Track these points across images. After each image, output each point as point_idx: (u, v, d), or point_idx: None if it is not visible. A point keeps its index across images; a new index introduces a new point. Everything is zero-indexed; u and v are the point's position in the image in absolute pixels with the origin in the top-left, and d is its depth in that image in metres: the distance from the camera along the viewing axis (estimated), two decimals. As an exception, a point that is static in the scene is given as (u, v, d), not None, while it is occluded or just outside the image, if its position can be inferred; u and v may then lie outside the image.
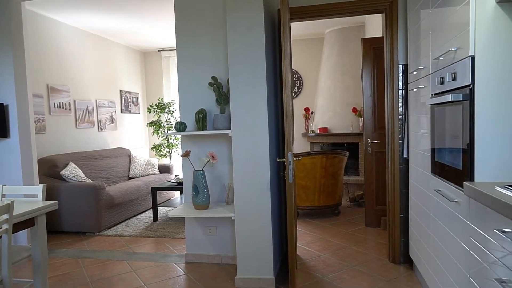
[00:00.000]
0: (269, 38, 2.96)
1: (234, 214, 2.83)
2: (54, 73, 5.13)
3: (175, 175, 5.92)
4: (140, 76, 7.43)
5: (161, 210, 5.36)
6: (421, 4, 2.49)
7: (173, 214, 2.97)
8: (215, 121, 3.06)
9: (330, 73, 6.43)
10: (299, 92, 7.07)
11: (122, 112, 6.74)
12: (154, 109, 6.72)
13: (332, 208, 4.72)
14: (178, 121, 3.62)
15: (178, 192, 6.13)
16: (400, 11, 3.04)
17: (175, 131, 3.06)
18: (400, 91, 3.08)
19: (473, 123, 1.66)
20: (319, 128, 6.36)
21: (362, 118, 5.21)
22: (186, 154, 3.13)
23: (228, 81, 3.17)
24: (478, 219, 1.59)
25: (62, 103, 5.23)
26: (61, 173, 4.47)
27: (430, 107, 2.28)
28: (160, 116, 6.81)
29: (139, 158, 6.03)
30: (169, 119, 6.80)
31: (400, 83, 3.07)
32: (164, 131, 6.73)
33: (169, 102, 6.81)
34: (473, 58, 1.65)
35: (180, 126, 3.07)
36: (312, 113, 6.89)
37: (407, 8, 2.92)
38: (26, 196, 3.34)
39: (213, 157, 3.02)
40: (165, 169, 6.23)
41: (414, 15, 2.70)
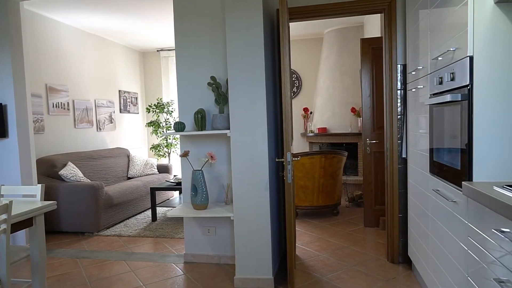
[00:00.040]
0: (268, 38, 2.96)
1: (233, 214, 2.83)
2: (53, 73, 5.13)
3: (174, 175, 5.92)
4: (139, 76, 7.43)
5: (160, 210, 5.35)
6: (419, 4, 2.49)
7: (172, 214, 2.97)
8: (214, 121, 3.06)
9: (329, 73, 6.44)
10: (298, 92, 7.07)
11: (121, 112, 6.74)
12: (153, 109, 6.72)
13: (331, 208, 4.72)
14: (177, 121, 3.62)
15: (177, 192, 6.13)
16: (398, 11, 3.04)
17: (174, 131, 3.06)
18: (398, 91, 3.08)
19: (471, 123, 1.67)
20: (318, 128, 6.36)
21: (361, 118, 5.21)
22: (185, 154, 3.13)
23: (227, 81, 3.17)
24: (476, 219, 1.59)
25: (61, 103, 5.22)
26: (59, 173, 4.47)
27: (429, 107, 2.29)
28: (159, 116, 6.81)
29: (138, 158, 6.03)
30: (168, 119, 6.80)
31: (398, 83, 3.08)
32: (163, 131, 6.73)
33: (168, 102, 6.81)
34: (471, 58, 1.65)
35: (179, 126, 3.07)
36: (311, 113, 6.89)
37: (406, 8, 2.92)
38: (25, 196, 3.33)
39: (212, 157, 3.02)
40: (164, 169, 6.23)
41: (412, 15, 2.70)
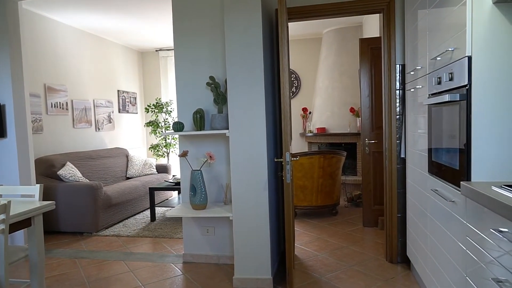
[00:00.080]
0: (267, 38, 2.96)
1: (232, 214, 2.83)
2: (52, 72, 5.12)
3: (173, 175, 5.91)
4: (137, 76, 7.42)
5: (158, 210, 5.35)
6: (418, 4, 2.49)
7: (170, 214, 2.97)
8: (213, 121, 3.06)
9: (328, 73, 6.44)
10: (297, 92, 7.07)
11: (119, 112, 6.73)
12: (152, 109, 6.71)
13: (329, 208, 4.72)
14: (176, 121, 3.61)
15: (176, 192, 6.12)
16: (397, 11, 3.05)
17: (173, 131, 3.06)
18: (397, 91, 3.08)
19: (470, 123, 1.67)
20: (317, 128, 6.36)
21: (360, 118, 5.22)
22: (183, 154, 3.13)
23: (225, 81, 3.17)
24: (475, 219, 1.59)
25: (60, 103, 5.21)
26: (58, 173, 4.46)
27: (427, 107, 2.29)
28: (157, 116, 6.80)
29: (137, 158, 6.02)
30: (166, 119, 6.79)
31: (397, 83, 3.08)
32: (161, 131, 6.72)
33: (166, 102, 6.80)
34: (470, 58, 1.65)
35: (177, 126, 3.07)
36: (310, 113, 6.89)
37: (405, 8, 2.93)
38: (23, 196, 3.33)
39: (210, 157, 3.02)
40: (162, 169, 6.23)
41: (411, 15, 2.70)
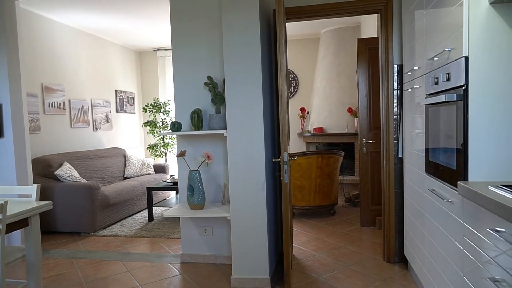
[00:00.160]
0: (264, 38, 2.96)
1: (230, 214, 2.83)
2: (49, 72, 5.10)
3: (171, 175, 5.90)
4: (135, 75, 7.41)
5: (156, 210, 5.34)
6: (415, 4, 2.50)
7: (168, 214, 2.96)
8: (211, 121, 3.06)
9: (326, 73, 6.44)
10: (295, 92, 7.08)
11: (117, 111, 6.71)
12: (150, 109, 6.70)
13: (327, 208, 4.73)
14: (174, 121, 3.61)
15: (174, 192, 6.11)
16: (395, 12, 3.05)
17: (171, 131, 3.06)
18: (395, 91, 3.09)
19: (467, 123, 1.68)
20: (315, 128, 6.37)
21: (358, 118, 5.22)
22: (181, 154, 3.13)
23: (223, 81, 3.16)
24: (472, 219, 1.60)
25: (57, 103, 5.20)
26: (55, 173, 4.45)
27: (425, 107, 2.29)
28: (155, 116, 6.79)
29: (135, 158, 6.01)
30: (164, 119, 6.79)
31: (395, 83, 3.09)
32: (159, 131, 6.71)
33: (164, 102, 6.79)
34: (466, 59, 1.66)
35: (175, 126, 3.07)
36: (307, 113, 6.90)
37: (402, 8, 2.93)
38: (20, 196, 3.32)
39: (208, 157, 3.02)
40: (160, 169, 6.22)
41: (409, 16, 2.71)
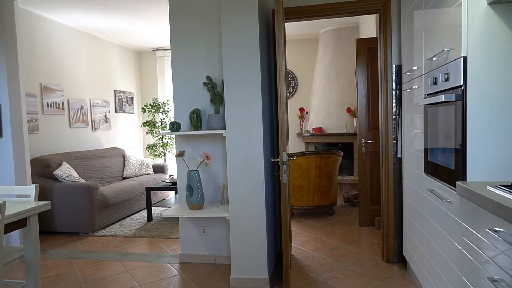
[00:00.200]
0: (263, 38, 2.96)
1: (229, 214, 2.82)
2: (48, 72, 5.10)
3: (170, 175, 5.90)
4: (134, 75, 7.40)
5: (155, 210, 5.34)
6: (414, 5, 2.50)
7: (167, 214, 2.96)
8: (210, 121, 3.06)
9: (325, 73, 6.45)
10: (294, 92, 7.08)
11: (116, 111, 6.71)
12: (149, 109, 6.70)
13: (326, 208, 4.73)
14: (173, 121, 3.61)
15: (173, 192, 6.11)
16: (394, 12, 3.06)
17: (170, 131, 3.06)
18: (394, 92, 3.09)
19: (465, 123, 1.68)
20: (314, 128, 6.37)
21: (357, 118, 5.23)
22: (180, 154, 3.13)
23: (222, 81, 3.16)
24: (470, 219, 1.60)
25: (56, 103, 5.19)
26: (54, 173, 4.44)
27: (423, 107, 2.30)
28: (154, 116, 6.78)
29: (133, 158, 6.00)
30: (163, 119, 6.78)
31: (394, 84, 3.09)
32: (158, 131, 6.71)
33: (163, 102, 6.79)
34: (465, 59, 1.66)
35: (174, 126, 3.06)
36: (306, 113, 6.90)
37: (401, 9, 2.94)
38: (19, 196, 3.31)
39: (207, 157, 3.02)
40: (159, 169, 6.21)
41: (407, 16, 2.71)
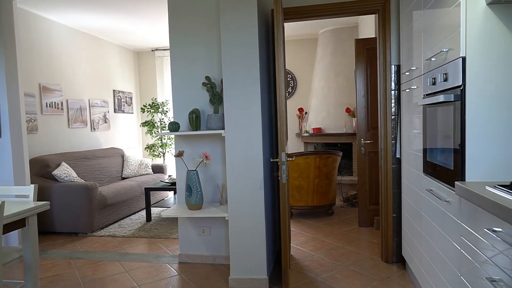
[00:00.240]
0: (262, 38, 2.96)
1: (228, 214, 2.82)
2: (47, 72, 5.09)
3: (169, 175, 5.90)
4: (133, 75, 7.40)
5: (154, 211, 5.33)
6: (413, 5, 2.50)
7: (166, 214, 2.96)
8: (209, 121, 3.05)
9: (324, 73, 6.45)
10: (293, 92, 7.08)
11: (115, 112, 6.70)
12: (148, 109, 6.70)
13: (325, 208, 4.73)
14: (172, 121, 3.61)
15: (172, 192, 6.11)
16: (393, 12, 3.06)
17: (169, 131, 3.05)
18: (392, 92, 3.09)
19: (464, 124, 1.68)
20: (313, 128, 6.37)
21: (356, 119, 5.23)
22: (179, 154, 3.12)
23: (221, 81, 3.16)
24: (469, 219, 1.60)
25: (55, 103, 5.19)
26: (53, 173, 4.44)
27: (422, 108, 2.30)
28: (153, 116, 6.78)
29: (133, 158, 6.00)
30: (162, 119, 6.78)
31: (392, 84, 3.09)
32: (157, 131, 6.70)
33: (162, 102, 6.79)
34: (464, 59, 1.66)
35: (173, 126, 3.06)
36: (306, 113, 6.90)
37: (400, 9, 2.94)
38: (18, 196, 3.31)
39: (206, 157, 3.02)
40: (158, 169, 6.21)
41: (406, 16, 2.72)
